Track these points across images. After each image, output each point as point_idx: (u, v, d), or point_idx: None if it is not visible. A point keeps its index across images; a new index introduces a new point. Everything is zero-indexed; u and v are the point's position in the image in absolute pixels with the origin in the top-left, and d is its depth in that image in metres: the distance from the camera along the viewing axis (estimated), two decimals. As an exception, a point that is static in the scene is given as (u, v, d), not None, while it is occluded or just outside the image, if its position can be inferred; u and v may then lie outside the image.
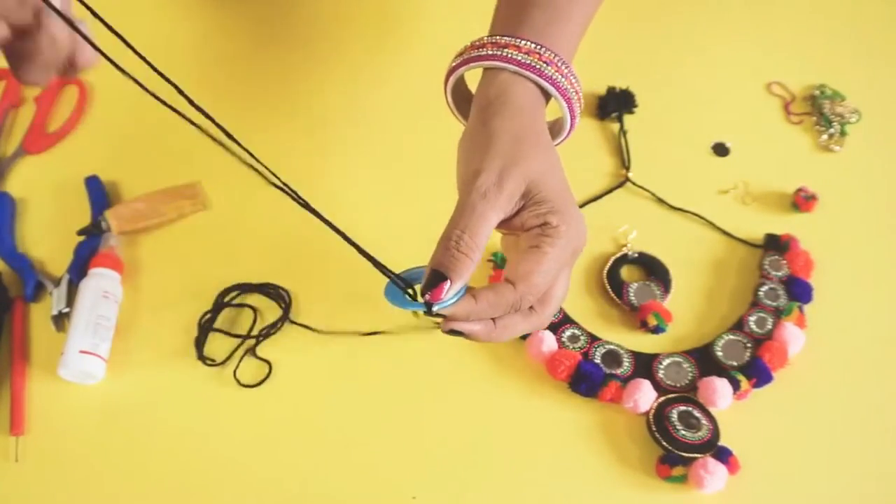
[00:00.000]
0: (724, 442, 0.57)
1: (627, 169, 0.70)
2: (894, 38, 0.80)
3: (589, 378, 0.58)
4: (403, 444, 0.57)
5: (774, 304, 0.62)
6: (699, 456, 0.56)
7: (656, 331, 0.62)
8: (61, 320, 0.60)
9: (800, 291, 0.63)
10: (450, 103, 0.54)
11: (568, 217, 0.45)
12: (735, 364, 0.60)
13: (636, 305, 0.63)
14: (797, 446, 0.58)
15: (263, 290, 0.63)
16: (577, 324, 0.62)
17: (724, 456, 0.56)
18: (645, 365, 0.60)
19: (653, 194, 0.69)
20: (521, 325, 0.47)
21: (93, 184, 0.66)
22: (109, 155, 0.69)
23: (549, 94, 0.50)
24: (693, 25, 0.80)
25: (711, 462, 0.55)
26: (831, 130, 0.73)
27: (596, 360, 0.60)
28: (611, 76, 0.74)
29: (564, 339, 0.61)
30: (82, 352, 0.57)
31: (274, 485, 0.56)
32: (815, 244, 0.66)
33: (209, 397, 0.59)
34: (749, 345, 0.61)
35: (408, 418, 0.58)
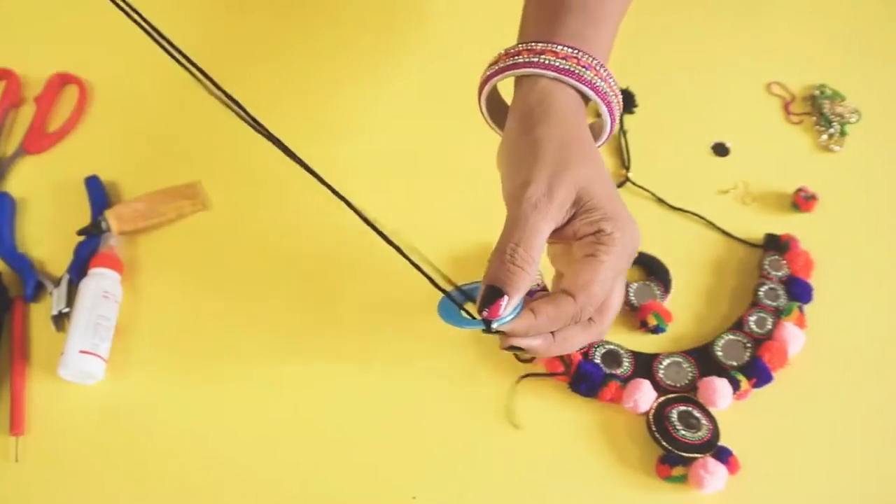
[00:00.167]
0: (724, 442, 0.57)
1: (627, 169, 0.70)
2: (894, 38, 0.80)
3: (589, 378, 0.58)
4: (403, 444, 0.57)
5: (774, 304, 0.62)
6: (699, 456, 0.56)
7: (656, 331, 0.62)
8: (61, 320, 0.60)
9: (800, 291, 0.63)
10: (484, 114, 0.53)
11: (622, 223, 0.44)
12: (735, 364, 0.60)
13: (636, 305, 0.63)
14: (797, 446, 0.58)
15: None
16: (577, 324, 0.62)
17: (724, 456, 0.56)
18: (645, 365, 0.60)
19: (653, 194, 0.69)
20: (580, 336, 0.46)
21: (93, 184, 0.66)
22: (109, 155, 0.69)
23: (588, 99, 0.49)
24: (693, 25, 0.80)
25: (711, 462, 0.55)
26: (831, 130, 0.73)
27: (596, 360, 0.60)
28: (611, 76, 0.74)
29: (564, 339, 0.61)
30: (82, 352, 0.57)
31: (274, 485, 0.56)
32: (815, 244, 0.66)
33: (209, 397, 0.59)
34: (749, 345, 0.61)
35: (408, 418, 0.58)
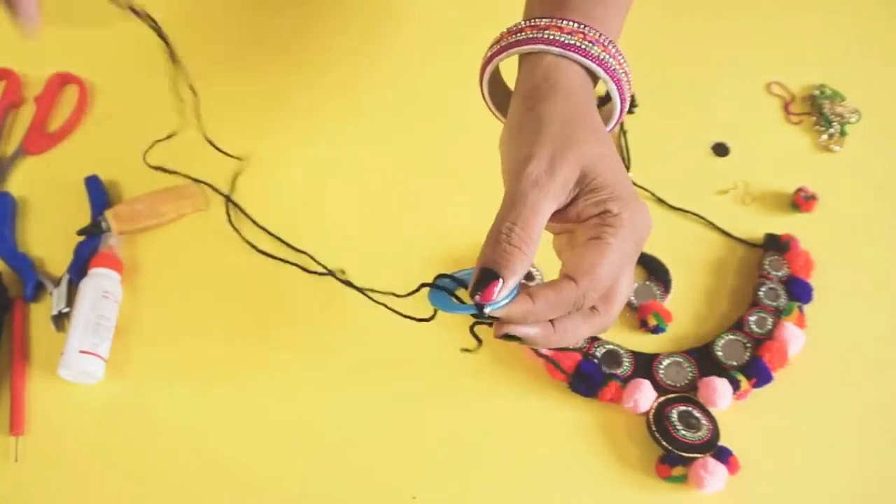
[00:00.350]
0: (724, 442, 0.57)
1: (627, 169, 0.70)
2: (894, 38, 0.79)
3: (589, 378, 0.58)
4: (403, 444, 0.57)
5: (774, 304, 0.62)
6: (699, 456, 0.56)
7: (656, 331, 0.62)
8: (61, 320, 0.60)
9: (800, 291, 0.63)
10: (485, 96, 0.50)
11: (632, 204, 0.41)
12: (735, 364, 0.60)
13: (636, 305, 0.63)
14: (797, 446, 0.58)
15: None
16: (577, 324, 0.62)
17: (723, 456, 0.56)
18: (645, 365, 0.60)
19: (653, 194, 0.69)
20: (582, 327, 0.42)
21: (93, 184, 0.66)
22: (109, 155, 0.69)
23: (596, 77, 0.46)
24: (693, 25, 0.80)
25: (711, 462, 0.55)
26: (831, 130, 0.73)
27: (596, 360, 0.60)
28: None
29: (564, 339, 0.61)
30: (82, 352, 0.57)
31: (274, 485, 0.56)
32: (815, 244, 0.66)
33: (209, 397, 0.59)
34: (749, 345, 0.61)
35: (408, 418, 0.58)
